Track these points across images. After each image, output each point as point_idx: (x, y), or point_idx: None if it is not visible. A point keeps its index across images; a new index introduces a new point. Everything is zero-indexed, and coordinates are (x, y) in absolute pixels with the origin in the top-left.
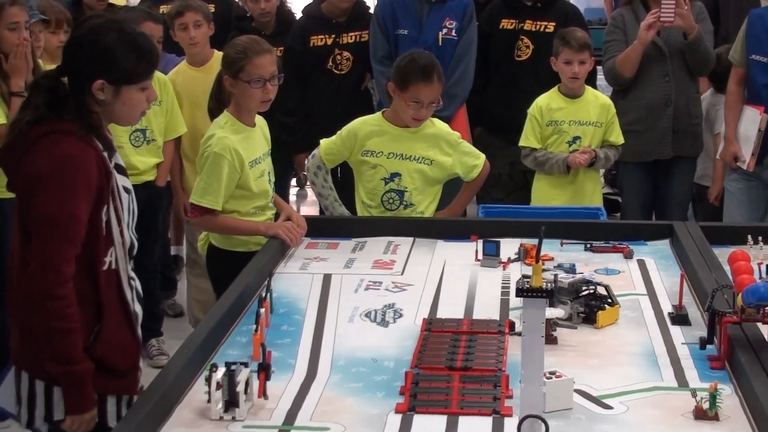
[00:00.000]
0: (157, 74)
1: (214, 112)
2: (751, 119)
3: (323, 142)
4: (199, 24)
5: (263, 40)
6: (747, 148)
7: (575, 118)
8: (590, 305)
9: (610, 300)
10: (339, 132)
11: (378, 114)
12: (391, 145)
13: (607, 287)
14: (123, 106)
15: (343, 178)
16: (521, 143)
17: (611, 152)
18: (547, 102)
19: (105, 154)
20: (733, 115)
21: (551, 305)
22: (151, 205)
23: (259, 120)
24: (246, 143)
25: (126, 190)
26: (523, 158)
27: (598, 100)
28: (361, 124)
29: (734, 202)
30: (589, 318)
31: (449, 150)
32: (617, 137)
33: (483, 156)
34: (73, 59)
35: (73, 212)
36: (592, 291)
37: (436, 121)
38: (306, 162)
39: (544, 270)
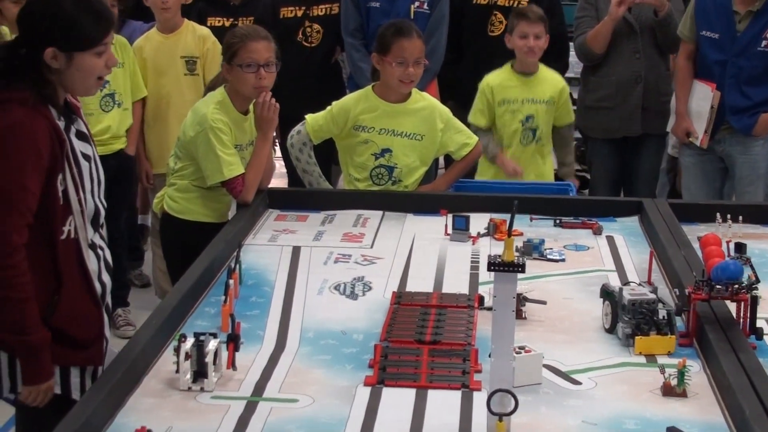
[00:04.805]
0: (116, 37)
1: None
2: (702, 95)
3: (310, 118)
4: None
5: (263, 29)
6: (699, 125)
7: (529, 96)
8: (641, 328)
9: (667, 329)
10: (329, 108)
11: (368, 89)
12: (382, 121)
13: (669, 312)
14: (77, 73)
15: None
16: (469, 119)
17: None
18: (498, 80)
19: (61, 122)
20: (683, 91)
21: (615, 321)
22: (123, 172)
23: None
24: (234, 126)
25: (85, 156)
26: None
27: (551, 77)
28: (353, 101)
29: (690, 177)
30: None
31: (441, 124)
32: (569, 116)
33: (476, 138)
34: (26, 27)
35: (22, 183)
36: (648, 313)
37: (426, 94)
38: (289, 138)
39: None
